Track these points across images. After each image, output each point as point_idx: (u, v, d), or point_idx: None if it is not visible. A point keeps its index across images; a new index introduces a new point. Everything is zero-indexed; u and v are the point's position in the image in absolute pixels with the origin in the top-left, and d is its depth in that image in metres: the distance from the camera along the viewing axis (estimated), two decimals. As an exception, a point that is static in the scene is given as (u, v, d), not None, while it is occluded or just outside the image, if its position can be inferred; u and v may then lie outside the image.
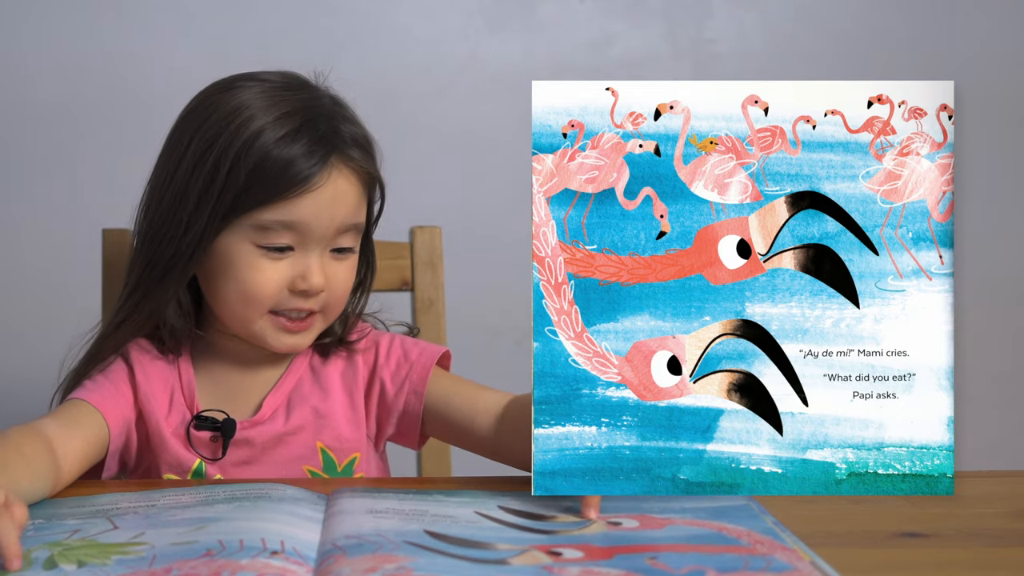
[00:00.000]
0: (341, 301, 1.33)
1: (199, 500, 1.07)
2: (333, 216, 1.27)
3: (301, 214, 1.26)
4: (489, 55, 2.23)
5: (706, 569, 0.88)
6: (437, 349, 1.37)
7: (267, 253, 1.27)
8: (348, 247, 1.31)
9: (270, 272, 1.27)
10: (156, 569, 0.89)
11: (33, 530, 1.00)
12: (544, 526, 1.01)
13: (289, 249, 1.28)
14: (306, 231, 1.27)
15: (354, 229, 1.31)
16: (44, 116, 2.15)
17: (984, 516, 1.07)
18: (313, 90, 1.33)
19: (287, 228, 1.26)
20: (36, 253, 2.15)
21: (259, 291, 1.27)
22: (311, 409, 1.33)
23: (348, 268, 1.32)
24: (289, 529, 0.98)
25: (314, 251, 1.28)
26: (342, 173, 1.28)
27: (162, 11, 2.16)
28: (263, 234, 1.27)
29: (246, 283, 1.27)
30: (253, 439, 1.31)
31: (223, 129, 1.27)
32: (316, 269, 1.28)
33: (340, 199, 1.28)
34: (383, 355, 1.36)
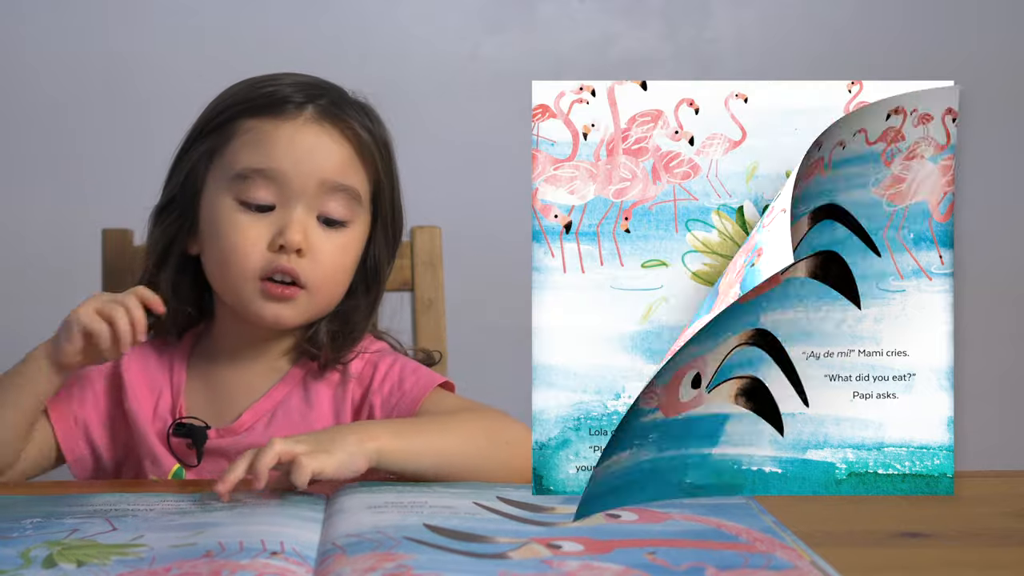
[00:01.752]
0: (330, 281, 1.29)
1: (198, 506, 1.07)
2: (312, 167, 1.24)
3: (276, 156, 1.24)
4: (489, 55, 2.23)
5: (706, 566, 0.88)
6: (433, 380, 1.32)
7: (248, 211, 1.25)
8: (339, 220, 1.27)
9: (251, 230, 1.25)
10: (156, 569, 0.89)
11: (31, 528, 1.00)
12: (543, 518, 1.02)
13: (270, 209, 1.25)
14: (284, 181, 1.24)
15: (343, 193, 1.27)
16: (44, 116, 2.16)
17: (984, 516, 1.07)
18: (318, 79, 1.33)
19: (265, 178, 1.24)
20: (36, 253, 2.15)
21: (240, 250, 1.25)
22: (293, 425, 1.30)
23: (338, 245, 1.28)
24: (289, 530, 0.98)
25: (296, 208, 1.25)
26: (330, 129, 1.27)
27: (163, 11, 2.16)
28: (243, 186, 1.25)
29: (228, 241, 1.25)
30: (226, 449, 1.29)
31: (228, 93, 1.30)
32: (295, 226, 1.24)
33: (322, 151, 1.25)
34: (379, 379, 1.32)
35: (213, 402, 1.32)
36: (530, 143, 1.09)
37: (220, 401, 1.32)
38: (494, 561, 0.90)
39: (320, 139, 1.25)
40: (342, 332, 1.32)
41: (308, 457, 1.06)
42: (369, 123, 1.32)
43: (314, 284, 1.27)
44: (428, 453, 1.15)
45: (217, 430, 1.29)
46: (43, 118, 2.15)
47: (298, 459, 1.06)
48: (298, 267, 1.25)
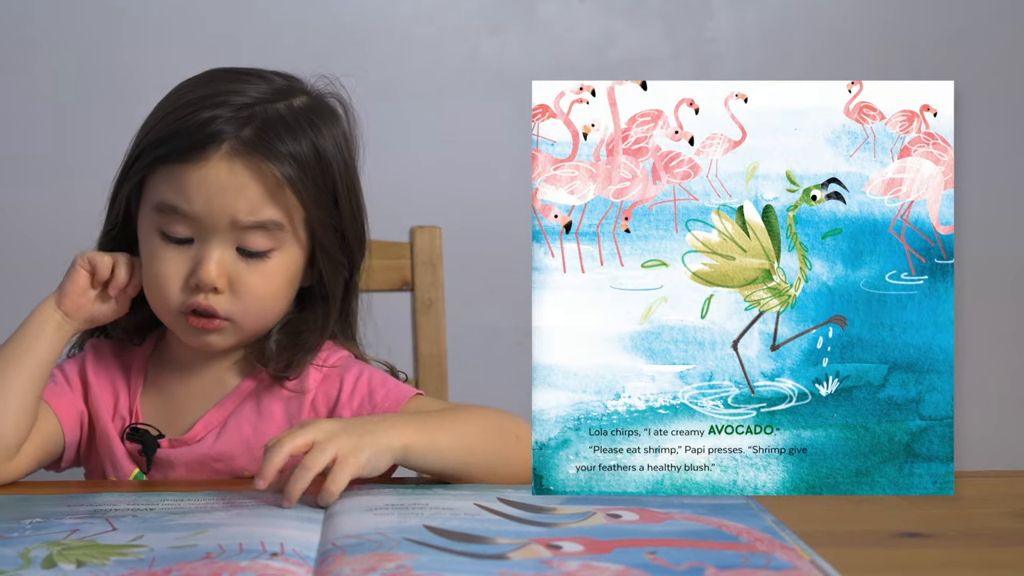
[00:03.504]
0: (254, 310, 1.24)
1: (197, 507, 1.07)
2: (223, 208, 1.20)
3: (188, 196, 1.21)
4: (489, 55, 2.23)
5: (705, 566, 0.88)
6: (404, 391, 1.27)
7: (169, 243, 1.23)
8: (260, 251, 1.23)
9: (170, 263, 1.23)
10: (156, 570, 0.89)
11: (31, 529, 1.00)
12: (544, 519, 1.01)
13: (189, 241, 1.23)
14: (197, 220, 1.21)
15: (261, 229, 1.22)
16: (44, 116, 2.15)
17: (984, 516, 1.07)
18: (265, 87, 1.26)
19: (180, 214, 1.21)
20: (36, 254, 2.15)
21: (162, 282, 1.23)
22: (244, 437, 1.28)
23: (262, 274, 1.23)
24: (289, 531, 0.98)
25: (211, 244, 1.22)
26: (243, 166, 1.21)
27: (163, 11, 2.16)
28: (163, 219, 1.23)
29: (152, 271, 1.24)
30: (176, 460, 1.28)
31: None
32: (208, 265, 1.21)
33: (231, 192, 1.20)
34: (347, 391, 1.28)
35: (166, 409, 1.30)
36: (530, 143, 1.09)
37: (172, 410, 1.30)
38: (494, 562, 0.90)
39: (233, 178, 1.20)
40: (291, 344, 1.28)
41: (331, 481, 1.06)
42: (310, 139, 1.24)
43: (237, 316, 1.24)
44: (454, 449, 1.14)
45: (169, 440, 1.28)
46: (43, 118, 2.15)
47: (326, 487, 1.06)
48: (216, 304, 1.23)
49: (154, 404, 1.31)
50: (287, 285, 1.26)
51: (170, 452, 1.28)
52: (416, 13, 2.22)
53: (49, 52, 2.15)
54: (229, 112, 1.22)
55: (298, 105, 1.26)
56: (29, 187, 2.17)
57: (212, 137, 1.21)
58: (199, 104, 1.23)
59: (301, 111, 1.26)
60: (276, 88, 1.27)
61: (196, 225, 1.22)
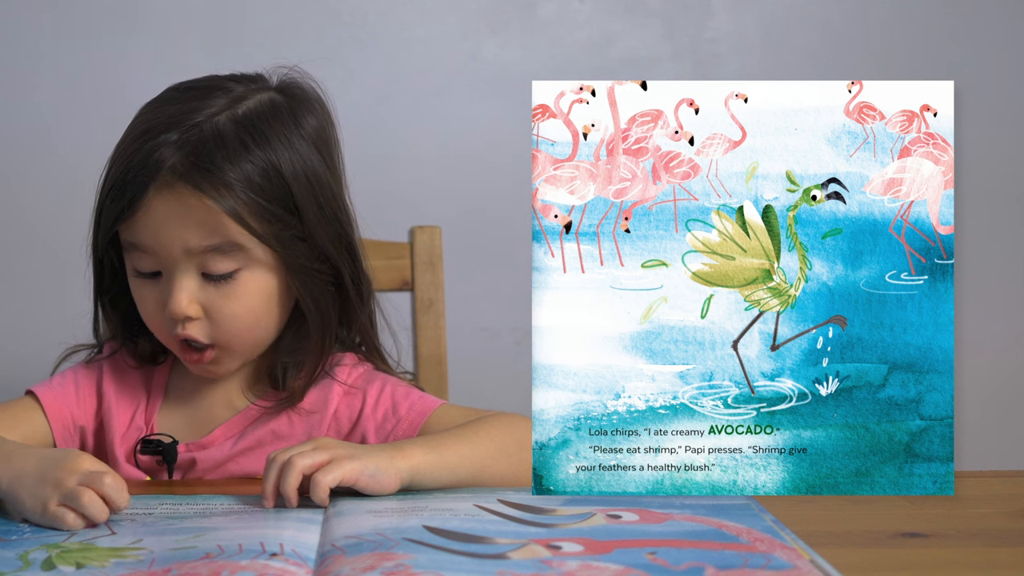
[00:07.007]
0: (239, 332, 1.22)
1: (197, 511, 1.06)
2: (171, 238, 1.18)
3: (137, 230, 1.19)
4: (489, 55, 2.23)
5: (705, 566, 0.88)
6: (428, 402, 1.27)
7: (143, 279, 1.22)
8: (225, 273, 1.20)
9: (147, 299, 1.22)
10: (155, 571, 0.89)
11: (30, 531, 1.00)
12: (543, 519, 1.01)
13: (158, 274, 1.21)
14: (154, 252, 1.19)
15: (218, 252, 1.19)
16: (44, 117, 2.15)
17: (984, 516, 1.07)
18: (213, 102, 1.22)
19: (141, 250, 1.20)
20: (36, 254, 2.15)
21: (146, 317, 1.23)
22: (269, 430, 1.27)
23: (234, 295, 1.21)
24: (288, 532, 0.98)
25: (176, 274, 1.19)
26: (187, 191, 1.17)
27: (161, 11, 2.16)
28: (131, 257, 1.22)
29: (139, 308, 1.24)
30: (197, 463, 1.27)
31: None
32: (178, 295, 1.19)
33: (175, 221, 1.17)
34: (370, 405, 1.27)
35: (190, 416, 1.30)
36: (530, 143, 1.09)
37: (197, 416, 1.30)
38: (493, 561, 0.90)
39: (174, 208, 1.17)
40: (292, 364, 1.27)
41: (323, 473, 1.06)
42: (255, 153, 1.20)
43: (222, 341, 1.23)
44: (464, 465, 1.13)
45: (186, 444, 1.27)
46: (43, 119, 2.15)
47: (315, 478, 1.05)
48: (196, 332, 1.21)
49: (177, 413, 1.30)
50: (266, 302, 1.23)
51: (189, 456, 1.27)
52: (416, 13, 2.22)
53: (50, 54, 2.15)
54: (175, 136, 1.18)
55: (244, 114, 1.21)
56: (29, 187, 2.17)
57: (153, 169, 1.17)
58: (143, 138, 1.20)
59: (247, 122, 1.21)
60: (232, 98, 1.22)
61: (156, 258, 1.20)
